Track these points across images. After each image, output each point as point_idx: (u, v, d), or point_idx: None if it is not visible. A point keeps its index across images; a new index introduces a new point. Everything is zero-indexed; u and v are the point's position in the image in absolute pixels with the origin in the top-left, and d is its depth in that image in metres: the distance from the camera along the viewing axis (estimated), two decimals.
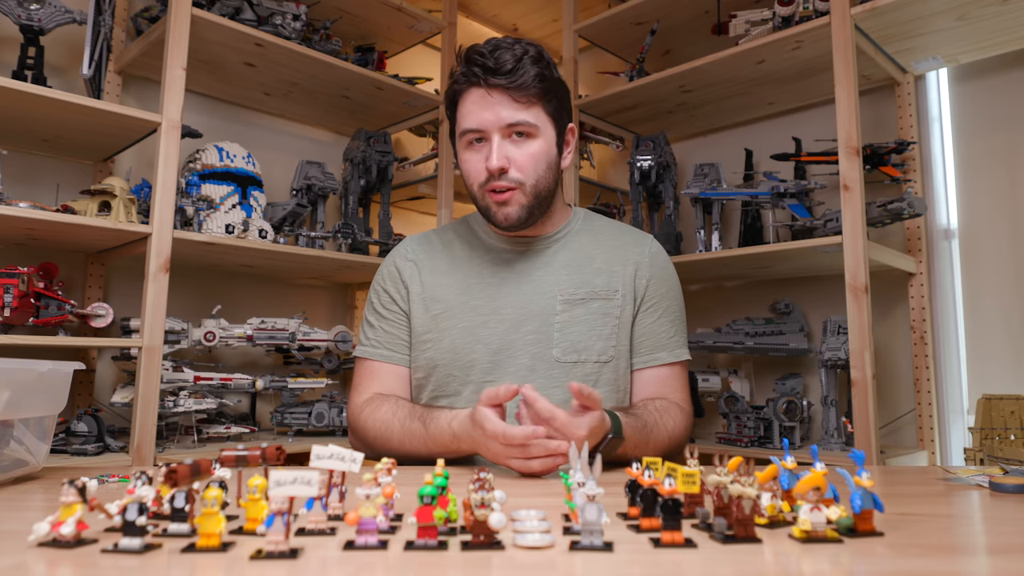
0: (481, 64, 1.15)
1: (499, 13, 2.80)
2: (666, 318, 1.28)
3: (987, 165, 1.92)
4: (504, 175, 1.15)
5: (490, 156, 1.14)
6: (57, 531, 0.56)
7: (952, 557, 0.57)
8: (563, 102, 1.23)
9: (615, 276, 1.25)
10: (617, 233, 1.33)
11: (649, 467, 0.68)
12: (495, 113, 1.14)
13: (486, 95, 1.15)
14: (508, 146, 1.16)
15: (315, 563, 0.53)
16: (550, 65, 1.19)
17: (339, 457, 0.62)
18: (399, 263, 1.31)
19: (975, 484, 0.90)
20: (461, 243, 1.32)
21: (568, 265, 1.26)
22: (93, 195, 1.64)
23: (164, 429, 1.77)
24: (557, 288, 1.23)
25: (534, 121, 1.16)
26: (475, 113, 1.16)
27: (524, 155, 1.16)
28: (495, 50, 1.15)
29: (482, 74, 1.15)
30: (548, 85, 1.18)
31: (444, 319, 1.23)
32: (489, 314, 1.22)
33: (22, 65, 1.59)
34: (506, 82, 1.14)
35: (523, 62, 1.15)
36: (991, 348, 1.87)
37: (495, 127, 1.15)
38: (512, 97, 1.14)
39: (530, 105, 1.16)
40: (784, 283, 2.24)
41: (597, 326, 1.21)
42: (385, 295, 1.30)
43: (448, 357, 1.21)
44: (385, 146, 2.26)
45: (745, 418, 1.99)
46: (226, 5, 1.86)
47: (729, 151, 2.36)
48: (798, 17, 1.83)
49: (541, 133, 1.17)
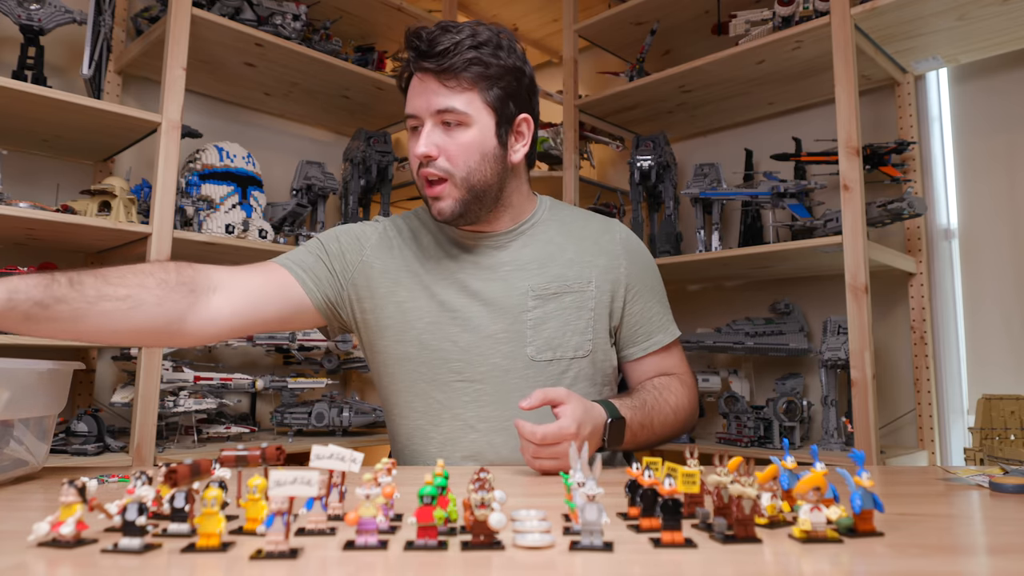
0: (415, 48, 1.10)
1: (499, 13, 2.80)
2: (653, 300, 1.24)
3: (987, 165, 1.92)
4: (432, 163, 1.10)
5: (418, 142, 1.10)
6: (57, 531, 0.56)
7: (952, 557, 0.57)
8: (512, 91, 1.14)
9: (587, 266, 1.20)
10: (584, 222, 1.27)
11: (649, 467, 0.68)
12: (426, 99, 1.10)
13: (417, 80, 1.12)
14: (438, 133, 1.10)
15: (315, 563, 0.53)
16: (498, 49, 1.12)
17: (339, 457, 0.62)
18: (369, 232, 1.23)
19: (975, 484, 0.90)
20: (427, 234, 1.24)
21: (537, 258, 1.19)
22: (93, 195, 1.64)
23: (164, 429, 1.77)
24: (527, 283, 1.17)
25: (464, 109, 1.09)
26: (411, 98, 1.13)
27: (453, 144, 1.10)
28: (433, 33, 1.10)
29: (414, 58, 1.10)
30: (488, 71, 1.10)
31: (411, 311, 1.17)
32: (457, 310, 1.16)
33: (22, 65, 1.60)
34: (434, 66, 1.08)
35: (460, 46, 1.08)
36: (991, 348, 1.87)
37: (426, 112, 1.10)
38: (441, 82, 1.09)
39: (462, 91, 1.09)
40: (784, 283, 2.24)
41: (571, 320, 1.17)
42: (335, 245, 1.20)
43: (415, 351, 1.16)
44: (385, 146, 2.26)
45: (745, 418, 1.99)
46: (226, 5, 1.86)
47: (729, 151, 2.35)
48: (798, 17, 1.83)
49: (475, 122, 1.10)
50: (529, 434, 0.93)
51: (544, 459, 0.95)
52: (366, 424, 2.08)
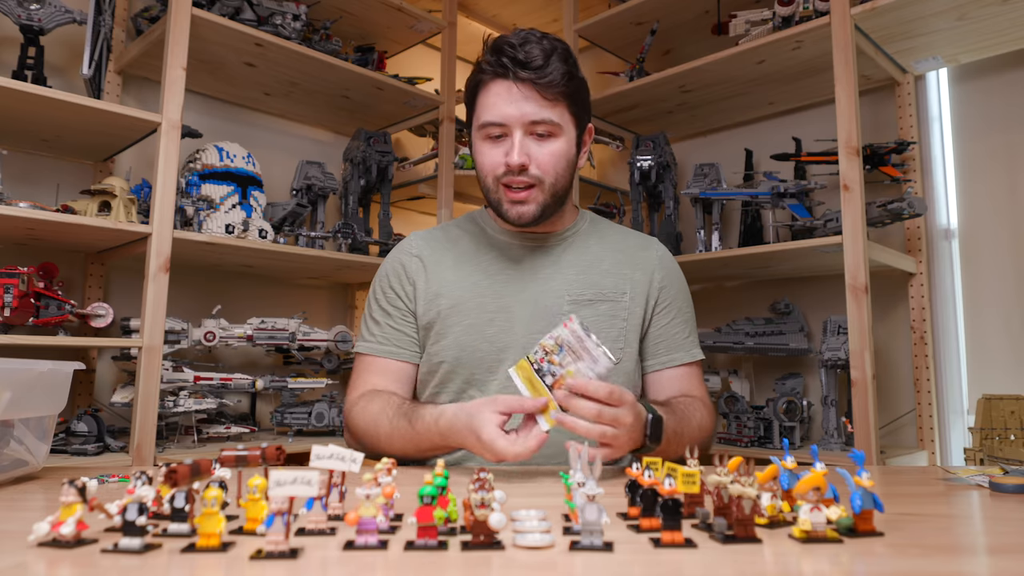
0: (511, 56, 1.11)
1: (499, 13, 2.80)
2: (680, 319, 1.28)
3: (987, 165, 1.92)
4: (524, 172, 1.13)
5: (511, 152, 1.12)
6: (57, 531, 0.56)
7: (952, 557, 0.57)
8: (585, 102, 1.20)
9: (623, 279, 1.24)
10: (622, 237, 1.33)
11: (649, 467, 0.68)
12: (520, 108, 1.11)
13: (512, 88, 1.12)
14: (530, 143, 1.13)
15: (315, 563, 0.53)
16: (576, 64, 1.17)
17: (339, 457, 0.62)
18: (404, 260, 1.28)
19: (975, 484, 0.90)
20: (467, 239, 1.29)
21: (576, 265, 1.24)
22: (93, 195, 1.64)
23: (164, 429, 1.77)
24: (565, 288, 1.22)
25: (558, 120, 1.13)
26: (498, 107, 1.13)
27: (545, 153, 1.14)
28: (525, 43, 1.12)
29: (511, 66, 1.11)
30: (575, 84, 1.15)
31: (450, 316, 1.21)
32: (496, 311, 1.20)
33: (22, 65, 1.59)
34: (535, 77, 1.10)
35: (552, 59, 1.12)
36: (991, 348, 1.87)
37: (518, 122, 1.12)
38: (540, 94, 1.11)
39: (555, 103, 1.13)
40: (784, 283, 2.24)
41: (605, 328, 1.20)
42: (391, 292, 1.26)
43: (453, 354, 1.20)
44: (385, 146, 2.26)
45: (745, 418, 1.99)
46: (226, 5, 1.86)
47: (729, 151, 2.35)
48: (798, 17, 1.83)
49: (563, 132, 1.15)
50: (595, 388, 0.90)
51: (606, 422, 0.91)
52: None
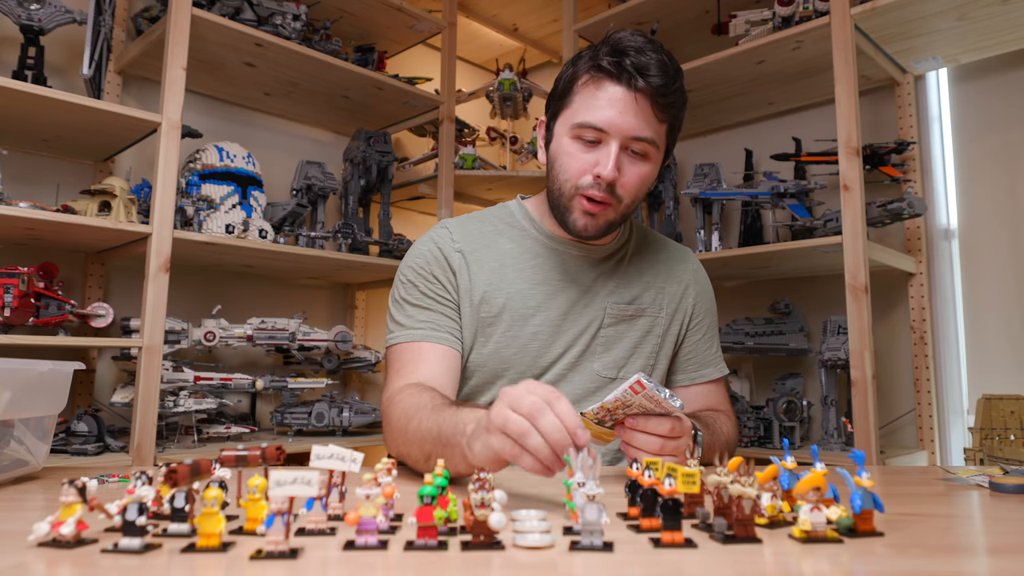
0: (634, 61, 1.01)
1: (499, 13, 2.80)
2: (710, 334, 1.28)
3: (987, 165, 1.91)
4: (609, 187, 1.05)
5: (605, 163, 1.03)
6: (57, 531, 0.56)
7: (952, 557, 0.57)
8: (680, 127, 1.12)
9: (662, 293, 1.22)
10: (661, 247, 1.28)
11: (649, 467, 0.68)
12: (627, 120, 1.02)
13: (627, 96, 1.02)
14: (624, 159, 1.05)
15: (315, 563, 0.53)
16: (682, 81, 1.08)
17: (339, 457, 0.62)
18: (445, 250, 1.17)
19: (975, 484, 0.90)
20: (508, 238, 1.20)
21: (619, 278, 1.20)
22: (93, 195, 1.64)
23: (164, 429, 1.77)
24: (607, 300, 1.18)
25: (658, 141, 1.06)
26: (604, 110, 1.03)
27: (635, 174, 1.06)
28: (644, 51, 1.02)
29: (633, 72, 1.01)
30: (682, 111, 1.09)
31: (489, 322, 1.14)
32: (535, 316, 1.15)
33: (22, 65, 1.60)
34: (655, 92, 1.02)
35: (674, 76, 1.03)
36: (991, 348, 1.87)
37: (620, 133, 1.03)
38: (653, 110, 1.03)
39: (662, 124, 1.06)
40: (784, 283, 2.24)
41: (640, 344, 1.19)
42: (434, 281, 1.15)
43: (491, 364, 1.15)
44: (385, 146, 2.26)
45: (745, 418, 1.99)
46: (226, 5, 1.86)
47: (729, 151, 2.35)
48: (798, 17, 1.83)
49: (656, 155, 1.08)
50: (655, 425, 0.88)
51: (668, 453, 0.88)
52: (366, 424, 2.08)
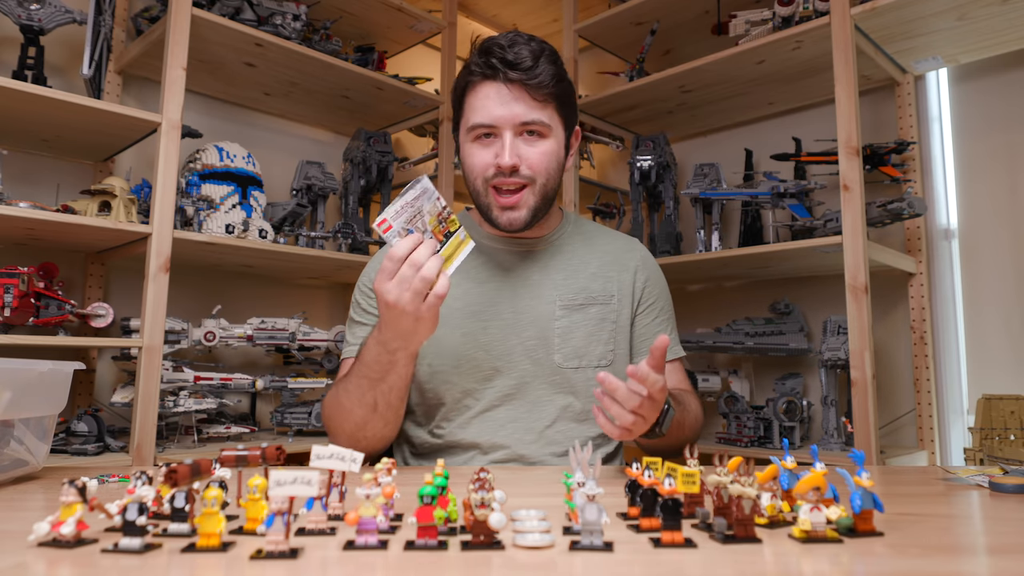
0: (500, 57, 1.11)
1: (499, 13, 2.80)
2: (663, 317, 1.30)
3: (987, 165, 1.92)
4: (515, 173, 1.13)
5: (502, 153, 1.11)
6: (57, 531, 0.56)
7: (952, 557, 0.57)
8: (573, 105, 1.21)
9: (611, 281, 1.26)
10: (608, 239, 1.33)
11: (649, 467, 0.68)
12: (510, 109, 1.11)
13: (502, 90, 1.12)
14: (520, 144, 1.13)
15: (315, 563, 0.53)
16: (563, 66, 1.17)
17: (339, 457, 0.62)
18: None
19: (975, 484, 0.90)
20: None
21: (564, 269, 1.25)
22: (93, 195, 1.64)
23: (164, 429, 1.77)
24: (556, 293, 1.22)
25: (548, 121, 1.14)
26: (487, 108, 1.13)
27: (536, 153, 1.14)
28: (513, 44, 1.12)
29: (501, 67, 1.11)
30: (563, 86, 1.16)
31: (443, 325, 1.18)
32: (489, 319, 1.20)
33: (22, 65, 1.59)
34: (525, 78, 1.11)
35: (541, 60, 1.12)
36: (991, 348, 1.87)
37: (509, 123, 1.12)
38: (530, 95, 1.11)
39: (545, 105, 1.13)
40: (784, 283, 2.24)
41: (596, 331, 1.21)
42: (373, 296, 1.21)
43: (449, 363, 1.19)
44: (385, 146, 2.26)
45: (745, 418, 1.99)
46: (226, 5, 1.86)
47: (729, 151, 2.35)
48: (798, 17, 1.83)
49: (552, 133, 1.15)
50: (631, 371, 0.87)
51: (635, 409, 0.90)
52: None
